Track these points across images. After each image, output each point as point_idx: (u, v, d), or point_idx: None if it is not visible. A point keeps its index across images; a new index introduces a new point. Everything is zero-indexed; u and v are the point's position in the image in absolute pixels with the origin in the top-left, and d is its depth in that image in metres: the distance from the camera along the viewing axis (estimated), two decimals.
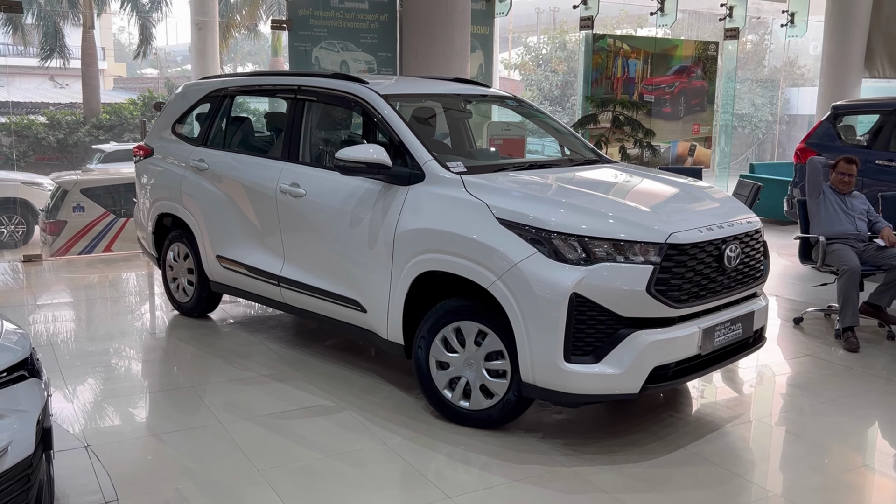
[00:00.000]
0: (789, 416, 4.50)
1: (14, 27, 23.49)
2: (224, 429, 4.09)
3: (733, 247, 3.99)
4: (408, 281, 4.23)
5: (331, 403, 4.44)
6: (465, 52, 9.06)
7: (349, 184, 4.58)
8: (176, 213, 5.92)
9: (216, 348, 5.43)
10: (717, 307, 4.04)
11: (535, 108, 5.57)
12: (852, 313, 5.61)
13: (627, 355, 3.69)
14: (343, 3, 9.20)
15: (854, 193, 6.17)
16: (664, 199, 4.36)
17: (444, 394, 4.16)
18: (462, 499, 3.43)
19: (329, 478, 3.60)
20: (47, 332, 5.72)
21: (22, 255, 8.10)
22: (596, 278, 3.66)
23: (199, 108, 6.03)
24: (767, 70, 31.87)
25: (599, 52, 11.08)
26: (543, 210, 3.85)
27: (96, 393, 4.63)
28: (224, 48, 25.77)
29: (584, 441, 4.02)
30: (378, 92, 4.73)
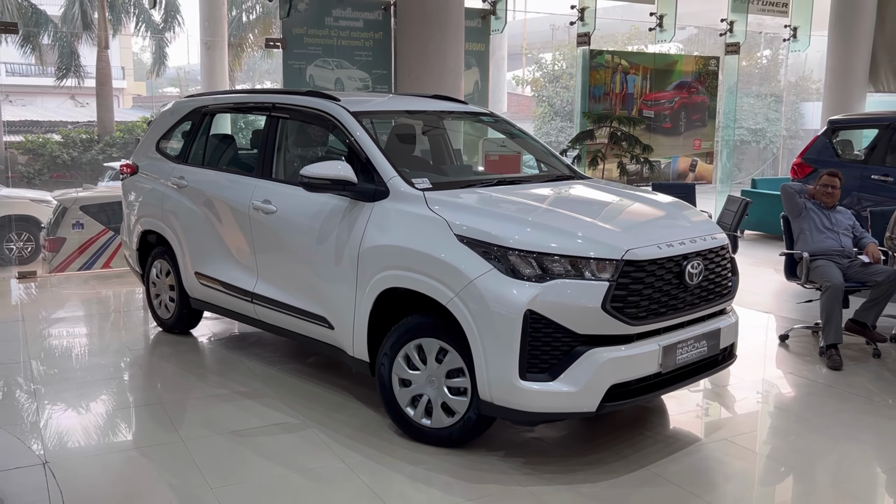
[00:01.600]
0: (761, 436, 4.42)
1: (32, 47, 23.89)
2: (185, 446, 4.08)
3: (695, 263, 3.94)
4: (372, 297, 4.22)
5: (297, 421, 4.43)
6: (458, 69, 9.09)
7: (318, 200, 4.59)
8: (158, 229, 5.96)
9: (193, 365, 5.44)
10: (680, 324, 3.99)
11: (512, 125, 5.56)
12: (835, 331, 5.52)
13: (583, 373, 3.65)
14: (338, 21, 9.26)
15: (839, 209, 6.09)
16: (627, 216, 4.32)
17: (407, 411, 4.14)
18: None
19: (282, 496, 3.58)
20: (28, 347, 5.76)
21: (17, 272, 8.18)
22: (551, 295, 3.63)
23: (181, 126, 6.08)
24: (783, 84, 31.67)
25: (597, 69, 11.06)
26: (500, 226, 3.83)
27: (66, 409, 4.64)
28: (238, 67, 26.06)
29: (545, 460, 3.97)
30: (348, 109, 4.74)
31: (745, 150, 29.89)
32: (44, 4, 23.04)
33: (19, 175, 21.93)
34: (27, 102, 36.19)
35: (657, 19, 11.51)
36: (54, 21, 22.85)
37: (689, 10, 23.28)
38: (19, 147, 22.60)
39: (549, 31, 35.24)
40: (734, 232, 7.19)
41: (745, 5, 11.88)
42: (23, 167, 22.27)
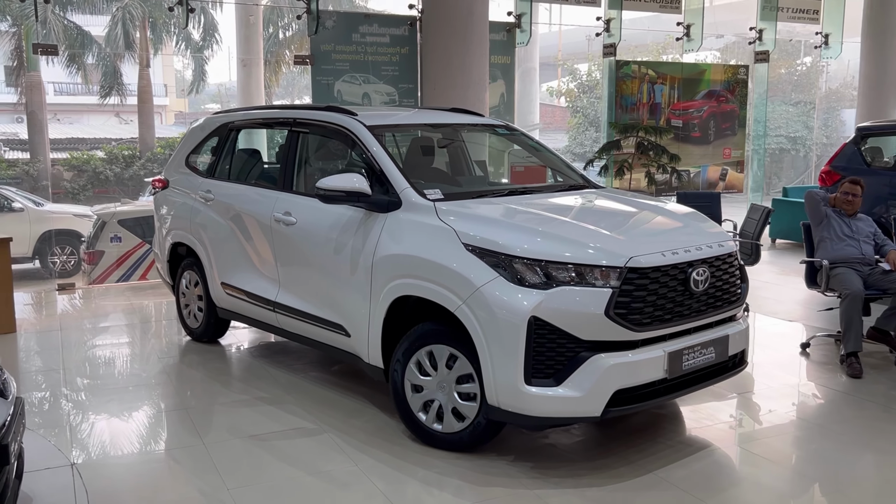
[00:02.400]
0: (773, 442, 4.43)
1: (77, 67, 24.66)
2: (206, 449, 4.24)
3: (700, 271, 3.99)
4: (385, 305, 4.34)
5: (314, 426, 4.56)
6: (482, 82, 9.20)
7: (335, 212, 4.74)
8: (187, 242, 6.17)
9: (219, 372, 5.62)
10: (687, 331, 4.04)
11: (528, 136, 5.66)
12: (855, 338, 5.49)
13: (588, 378, 3.72)
14: (364, 37, 9.47)
15: (860, 216, 6.06)
16: (633, 224, 4.39)
17: (419, 416, 4.24)
18: None
19: (295, 497, 3.71)
20: (63, 355, 5.99)
21: (57, 284, 8.48)
22: (555, 302, 3.71)
23: (209, 142, 6.29)
24: (818, 91, 31.22)
25: (624, 79, 11.11)
26: (506, 235, 3.93)
27: (95, 413, 4.83)
28: (275, 83, 26.55)
29: (554, 464, 4.04)
30: (364, 123, 4.89)
31: (784, 158, 29.50)
32: (88, 26, 23.76)
33: (64, 191, 22.60)
34: (74, 120, 37.29)
35: (684, 29, 11.52)
36: (98, 42, 23.53)
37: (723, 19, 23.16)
38: (64, 164, 23.30)
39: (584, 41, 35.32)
40: (756, 240, 7.17)
41: (774, 13, 11.83)
42: (67, 183, 22.95)
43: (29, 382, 5.39)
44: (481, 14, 9.10)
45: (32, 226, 14.94)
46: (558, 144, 27.99)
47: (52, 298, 8.08)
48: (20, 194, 15.83)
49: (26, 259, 14.82)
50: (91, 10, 23.68)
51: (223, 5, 24.29)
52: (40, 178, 22.07)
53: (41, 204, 15.93)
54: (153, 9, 23.49)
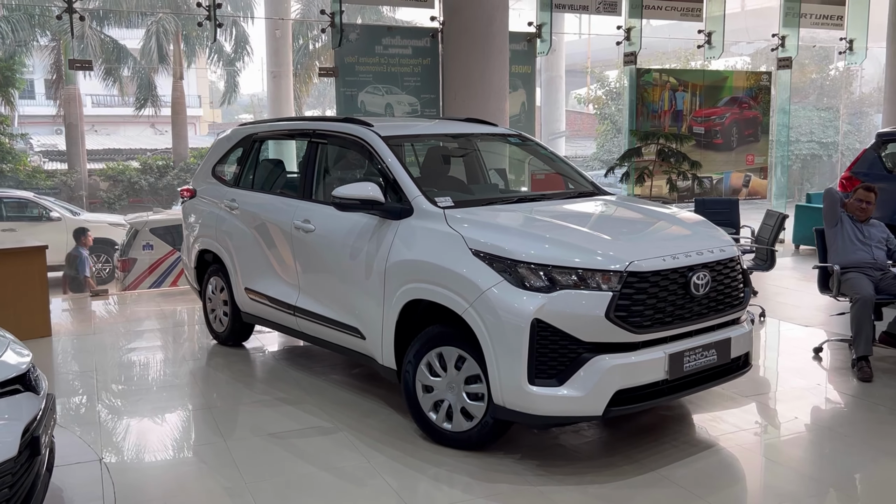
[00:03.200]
0: (778, 444, 4.52)
1: (113, 80, 25.31)
2: (227, 446, 4.44)
3: (701, 275, 4.11)
4: (397, 309, 4.51)
5: (330, 425, 4.74)
6: (503, 91, 9.37)
7: (351, 219, 4.92)
8: (213, 249, 6.40)
9: (242, 374, 5.84)
10: (689, 333, 4.15)
11: (540, 145, 5.81)
12: (865, 342, 5.55)
13: (590, 378, 3.86)
14: (387, 49, 9.69)
15: (872, 222, 6.11)
16: (636, 230, 4.53)
17: (430, 416, 4.41)
18: None
19: (308, 491, 3.89)
20: (96, 358, 6.25)
21: (90, 291, 8.79)
22: (557, 305, 3.86)
23: (235, 152, 6.53)
24: (853, 96, 30.89)
25: (646, 86, 11.20)
26: (510, 241, 4.09)
27: (125, 413, 5.07)
28: (305, 93, 26.97)
29: (559, 463, 4.18)
30: (379, 133, 5.08)
31: (816, 163, 29.23)
32: (124, 39, 24.37)
33: (100, 200, 23.17)
34: (111, 132, 38.13)
35: (706, 37, 11.58)
36: (133, 55, 24.12)
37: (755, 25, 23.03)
38: (101, 174, 23.90)
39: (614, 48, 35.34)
40: (771, 246, 7.23)
41: (797, 19, 11.84)
42: (104, 193, 23.52)
43: (63, 383, 5.65)
44: (501, 25, 9.27)
45: (69, 234, 15.37)
46: (586, 152, 28.06)
47: (85, 304, 8.39)
48: (58, 204, 16.30)
49: (63, 267, 15.25)
50: (126, 24, 24.29)
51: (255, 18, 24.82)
52: (77, 188, 22.68)
53: (77, 213, 16.38)
54: (186, 22, 24.02)
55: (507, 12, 9.30)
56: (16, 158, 22.76)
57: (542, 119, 22.20)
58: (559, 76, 21.37)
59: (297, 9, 23.38)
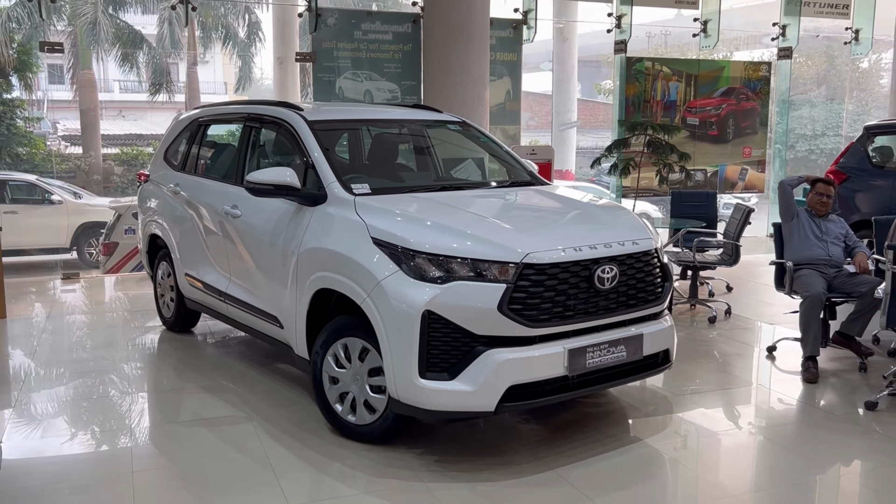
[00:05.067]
0: (688, 444, 4.34)
1: (130, 65, 25.50)
2: (129, 434, 4.38)
3: (607, 268, 3.94)
4: (307, 298, 4.41)
5: (243, 414, 4.66)
6: (482, 79, 9.19)
7: (272, 205, 4.82)
8: (160, 233, 6.35)
9: (176, 360, 5.79)
10: (595, 328, 4.00)
11: (482, 132, 5.65)
12: (813, 342, 5.33)
13: (481, 373, 3.72)
14: (367, 35, 9.56)
15: (831, 217, 5.87)
16: (546, 220, 4.37)
17: (336, 408, 4.30)
18: None
19: (190, 481, 3.81)
20: (39, 341, 6.24)
21: (62, 273, 8.82)
22: (449, 296, 3.72)
23: (183, 136, 6.46)
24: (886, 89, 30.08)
25: (637, 76, 10.95)
26: (409, 230, 3.96)
27: (39, 397, 5.02)
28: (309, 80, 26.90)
29: (460, 458, 4.04)
30: (306, 118, 4.96)
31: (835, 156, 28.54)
32: (140, 25, 24.53)
33: (114, 185, 23.39)
34: (138, 117, 38.49)
35: (701, 25, 11.29)
36: (149, 40, 24.28)
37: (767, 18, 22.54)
38: (115, 159, 24.11)
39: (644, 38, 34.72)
40: (736, 241, 7.01)
41: (798, 8, 11.48)
42: (117, 177, 23.74)
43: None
44: (481, 11, 9.09)
45: (70, 217, 15.48)
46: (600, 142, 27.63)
47: (49, 287, 8.41)
48: (59, 186, 16.41)
49: (65, 250, 15.39)
50: (143, 9, 24.44)
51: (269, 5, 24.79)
52: (92, 173, 22.92)
53: (80, 196, 16.50)
54: (202, 8, 24.08)
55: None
56: (32, 142, 23.03)
57: (554, 109, 21.92)
58: (572, 66, 21.03)
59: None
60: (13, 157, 22.41)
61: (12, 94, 23.32)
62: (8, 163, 22.17)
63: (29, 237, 14.96)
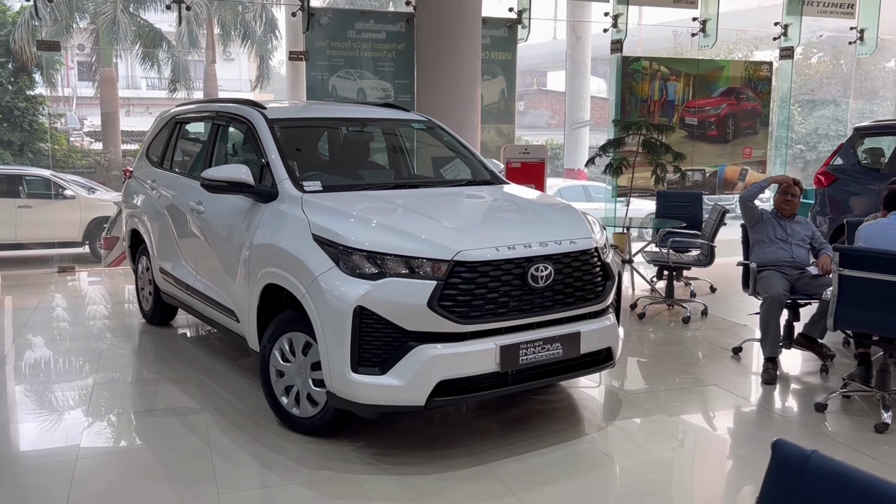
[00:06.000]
0: (627, 442, 4.36)
1: (151, 63, 25.89)
2: (83, 424, 4.50)
3: (542, 267, 3.99)
4: (257, 292, 4.50)
5: (197, 406, 4.77)
6: (473, 78, 9.23)
7: (231, 202, 4.93)
8: (139, 229, 6.50)
9: (145, 351, 5.94)
10: (531, 325, 4.04)
11: (446, 131, 5.71)
12: (772, 343, 5.32)
13: (411, 368, 3.79)
14: (360, 34, 9.65)
15: (798, 219, 5.85)
16: (485, 218, 4.44)
17: (281, 401, 4.40)
18: (230, 496, 3.65)
19: (131, 468, 3.93)
20: (17, 332, 6.42)
21: (57, 267, 9.04)
22: (381, 292, 3.80)
23: (162, 133, 6.60)
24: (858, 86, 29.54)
25: (633, 75, 10.92)
26: (347, 227, 4.04)
27: (21, 383, 5.19)
28: None
29: (397, 452, 4.12)
30: (266, 116, 5.06)
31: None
32: (159, 23, 24.86)
33: None
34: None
35: (700, 24, 11.22)
36: (168, 38, 24.61)
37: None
38: (134, 154, 24.49)
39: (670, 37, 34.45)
40: (710, 241, 6.99)
41: (800, 7, 11.38)
42: None
43: None
44: (472, 10, 9.14)
45: (83, 212, 15.77)
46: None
47: (45, 280, 8.62)
48: (73, 182, 16.73)
49: (77, 244, 15.69)
50: (163, 7, 24.74)
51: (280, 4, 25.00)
52: (111, 168, 23.28)
53: (94, 191, 16.80)
54: (220, 7, 24.38)
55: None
56: (54, 138, 23.48)
57: (567, 108, 21.88)
58: (585, 64, 20.98)
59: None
60: (35, 152, 22.89)
61: (35, 90, 23.82)
62: (31, 158, 22.64)
63: (43, 231, 15.28)
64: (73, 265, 9.31)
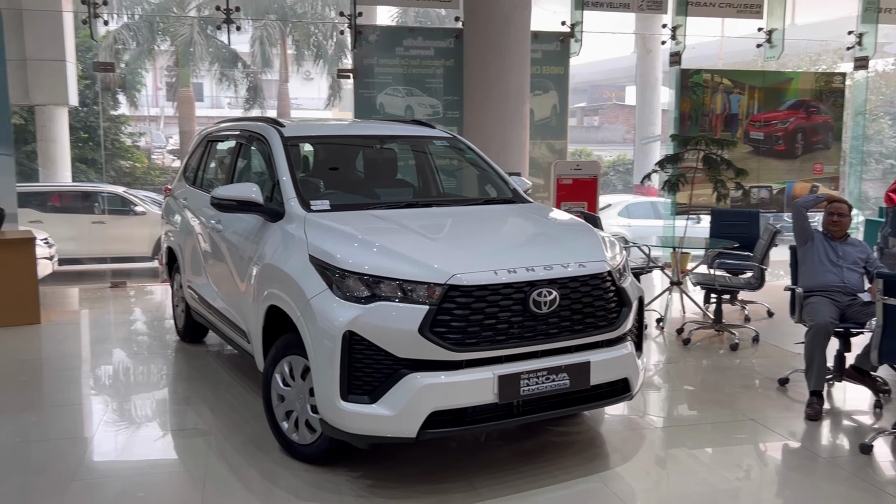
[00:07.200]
0: (643, 481, 4.05)
1: (228, 83, 26.63)
2: (85, 442, 4.48)
3: (545, 292, 3.74)
4: (262, 313, 4.40)
5: (206, 428, 4.70)
6: (521, 93, 9.06)
7: (244, 220, 4.86)
8: (173, 246, 6.54)
9: (170, 368, 5.95)
10: (534, 354, 3.80)
11: (470, 148, 5.51)
12: (817, 376, 4.91)
13: (401, 397, 3.60)
14: (408, 50, 9.57)
15: (851, 241, 5.41)
16: (492, 240, 4.22)
17: (282, 425, 4.27)
18: None
19: (124, 490, 3.86)
20: (56, 347, 6.52)
21: (110, 282, 9.23)
22: (371, 317, 3.63)
23: (196, 152, 6.62)
24: None
25: (694, 88, 10.50)
26: (340, 248, 3.89)
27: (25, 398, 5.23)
28: None
29: (395, 484, 3.93)
30: (282, 133, 4.98)
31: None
32: (235, 44, 25.54)
33: None
34: None
35: (766, 35, 10.72)
36: (243, 59, 25.27)
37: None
38: None
39: (752, 50, 33.46)
40: (760, 263, 6.56)
41: (876, 15, 10.74)
42: None
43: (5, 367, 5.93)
44: (520, 25, 8.97)
45: (153, 228, 16.21)
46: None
47: (96, 295, 8.80)
48: (144, 197, 17.21)
49: (146, 259, 16.12)
50: (240, 29, 25.41)
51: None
52: None
53: None
54: (294, 27, 24.89)
55: (525, 12, 8.98)
56: (134, 156, 24.35)
57: (637, 122, 21.38)
58: (655, 77, 20.46)
59: (395, 13, 23.66)
60: (116, 170, 23.78)
61: (118, 110, 24.79)
62: (112, 175, 23.54)
63: (115, 246, 15.77)
64: (124, 280, 9.48)
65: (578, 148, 30.02)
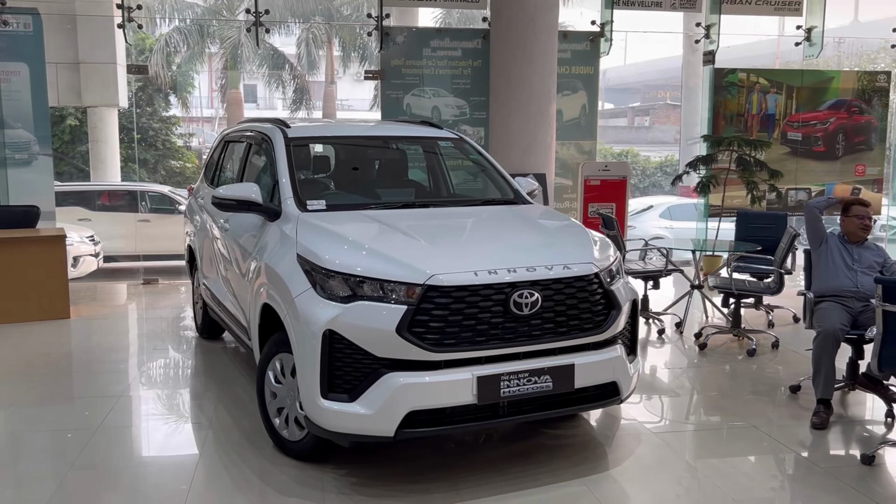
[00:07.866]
0: (630, 487, 3.98)
1: (277, 84, 27.08)
2: (101, 427, 4.61)
3: (526, 293, 3.72)
4: (258, 310, 4.46)
5: (206, 422, 4.79)
6: (546, 94, 8.97)
7: (247, 219, 4.94)
8: (192, 244, 6.68)
9: (185, 363, 6.09)
10: (517, 355, 3.78)
11: (475, 149, 5.50)
12: (824, 384, 4.77)
13: (380, 396, 3.62)
14: (435, 51, 9.60)
15: (867, 244, 5.23)
16: (478, 241, 4.21)
17: (274, 422, 4.33)
18: None
19: (106, 482, 3.96)
20: (79, 341, 6.72)
21: (143, 279, 9.47)
22: (350, 316, 3.66)
23: (216, 152, 6.75)
24: None
25: (729, 88, 10.29)
26: (323, 247, 3.93)
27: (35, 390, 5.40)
28: None
29: (378, 482, 3.95)
30: (286, 134, 5.05)
31: None
32: (283, 46, 25.97)
33: None
34: None
35: (805, 32, 10.44)
36: (290, 61, 25.64)
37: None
38: None
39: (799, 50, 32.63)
40: (779, 268, 6.39)
41: None
42: None
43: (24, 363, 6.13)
44: (545, 25, 8.89)
45: None
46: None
47: (130, 291, 9.04)
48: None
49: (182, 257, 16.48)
50: (286, 32, 25.83)
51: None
52: None
53: None
54: (340, 29, 25.14)
55: (552, 12, 8.90)
56: (184, 157, 24.91)
57: (682, 122, 21.03)
58: (701, 77, 20.06)
59: (438, 15, 23.72)
60: (167, 170, 24.37)
61: (169, 111, 25.37)
62: (163, 175, 24.13)
63: (160, 243, 16.13)
64: (157, 277, 9.71)
65: (625, 148, 29.67)
